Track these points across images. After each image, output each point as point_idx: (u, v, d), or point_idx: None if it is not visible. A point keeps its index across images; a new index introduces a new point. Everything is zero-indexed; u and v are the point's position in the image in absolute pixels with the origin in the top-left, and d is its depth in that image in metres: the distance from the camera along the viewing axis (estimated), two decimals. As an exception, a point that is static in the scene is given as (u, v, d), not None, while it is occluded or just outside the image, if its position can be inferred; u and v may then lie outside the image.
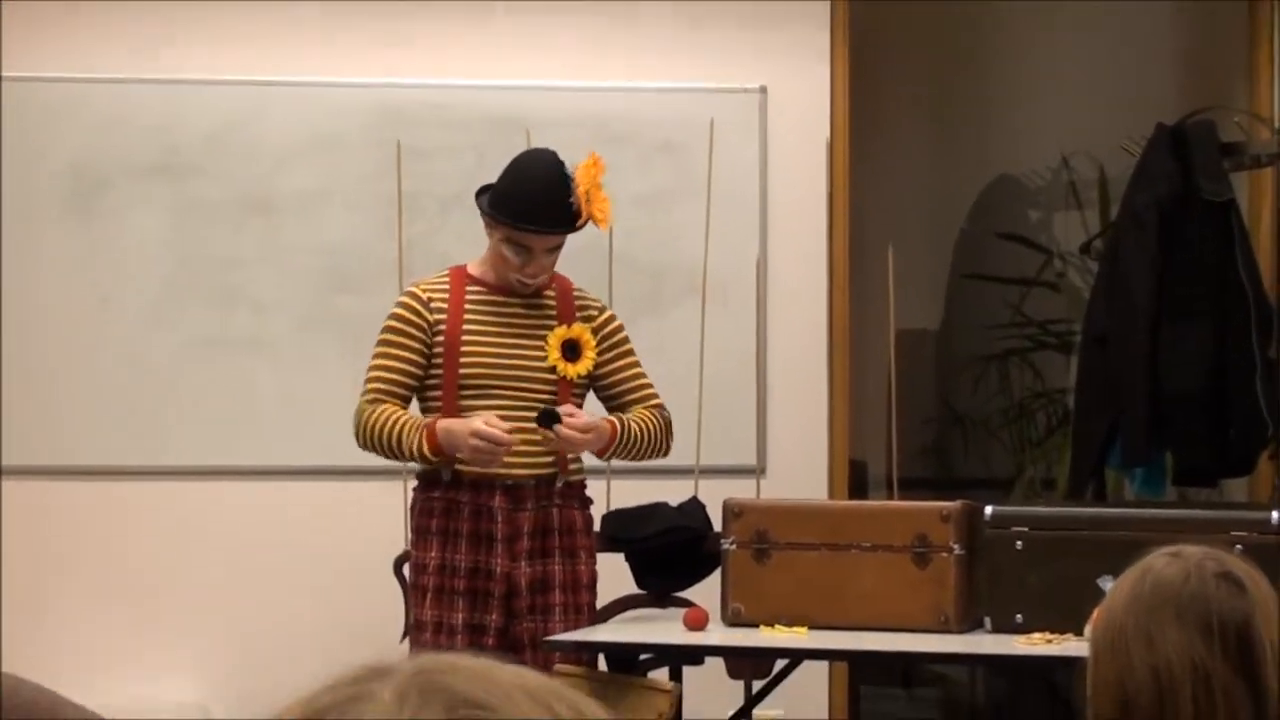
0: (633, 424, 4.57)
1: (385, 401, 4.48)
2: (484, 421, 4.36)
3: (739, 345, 6.05)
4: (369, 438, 4.48)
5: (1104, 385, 5.85)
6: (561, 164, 4.48)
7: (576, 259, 5.62)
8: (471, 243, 4.92)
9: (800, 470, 6.02)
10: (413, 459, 4.47)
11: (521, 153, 4.59)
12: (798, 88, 6.13)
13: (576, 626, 4.52)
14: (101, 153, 5.95)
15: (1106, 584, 4.01)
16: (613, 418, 4.56)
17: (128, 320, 5.94)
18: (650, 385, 4.66)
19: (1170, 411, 5.70)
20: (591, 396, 4.65)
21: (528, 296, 4.56)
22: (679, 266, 6.00)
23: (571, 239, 4.53)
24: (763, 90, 6.11)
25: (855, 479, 6.50)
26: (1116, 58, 7.45)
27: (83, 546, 5.91)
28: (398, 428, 4.43)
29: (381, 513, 5.64)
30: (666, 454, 4.69)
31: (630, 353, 4.66)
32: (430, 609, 4.49)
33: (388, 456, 4.52)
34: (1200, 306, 5.69)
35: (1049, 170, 7.50)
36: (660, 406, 4.65)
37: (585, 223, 4.49)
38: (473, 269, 4.60)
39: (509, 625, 4.47)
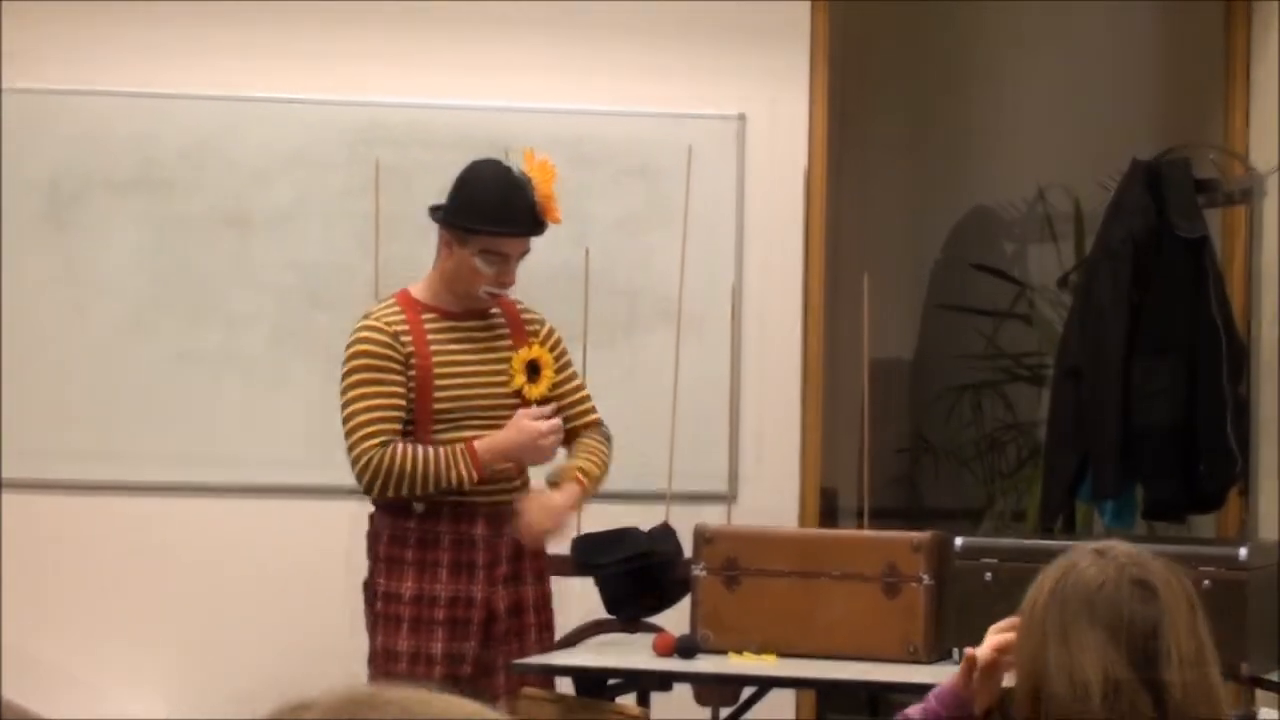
0: (594, 470, 4.57)
1: (394, 441, 4.39)
2: (530, 417, 4.44)
3: (712, 371, 6.05)
4: (397, 481, 4.36)
5: (1075, 418, 5.86)
6: (510, 169, 4.47)
7: (553, 282, 5.63)
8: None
9: (771, 498, 6.01)
10: (449, 488, 4.40)
11: (469, 165, 4.53)
12: (776, 116, 6.13)
13: (547, 645, 4.52)
14: (80, 166, 5.93)
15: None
16: (578, 473, 4.52)
17: (103, 334, 5.92)
18: (589, 399, 4.65)
19: (1141, 446, 5.71)
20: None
21: (479, 318, 4.53)
22: (654, 291, 6.00)
23: (548, 260, 4.52)
24: (741, 118, 6.12)
25: (826, 507, 6.50)
26: (1094, 92, 7.48)
27: (50, 560, 5.88)
28: (433, 464, 4.37)
29: (351, 534, 5.63)
30: None
31: (570, 364, 4.66)
32: (406, 639, 4.43)
33: (414, 496, 4.41)
34: (1172, 342, 5.70)
35: (1024, 202, 7.52)
36: (599, 424, 4.64)
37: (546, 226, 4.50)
38: (419, 294, 4.52)
39: (485, 650, 4.45)
